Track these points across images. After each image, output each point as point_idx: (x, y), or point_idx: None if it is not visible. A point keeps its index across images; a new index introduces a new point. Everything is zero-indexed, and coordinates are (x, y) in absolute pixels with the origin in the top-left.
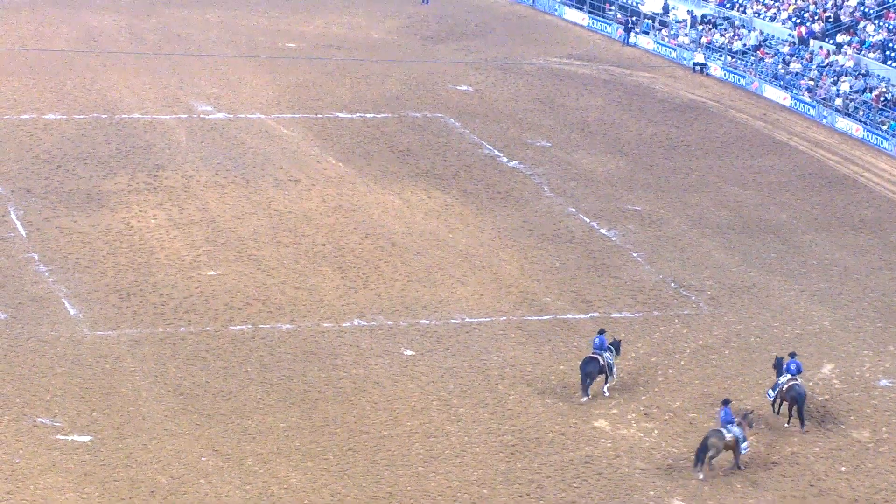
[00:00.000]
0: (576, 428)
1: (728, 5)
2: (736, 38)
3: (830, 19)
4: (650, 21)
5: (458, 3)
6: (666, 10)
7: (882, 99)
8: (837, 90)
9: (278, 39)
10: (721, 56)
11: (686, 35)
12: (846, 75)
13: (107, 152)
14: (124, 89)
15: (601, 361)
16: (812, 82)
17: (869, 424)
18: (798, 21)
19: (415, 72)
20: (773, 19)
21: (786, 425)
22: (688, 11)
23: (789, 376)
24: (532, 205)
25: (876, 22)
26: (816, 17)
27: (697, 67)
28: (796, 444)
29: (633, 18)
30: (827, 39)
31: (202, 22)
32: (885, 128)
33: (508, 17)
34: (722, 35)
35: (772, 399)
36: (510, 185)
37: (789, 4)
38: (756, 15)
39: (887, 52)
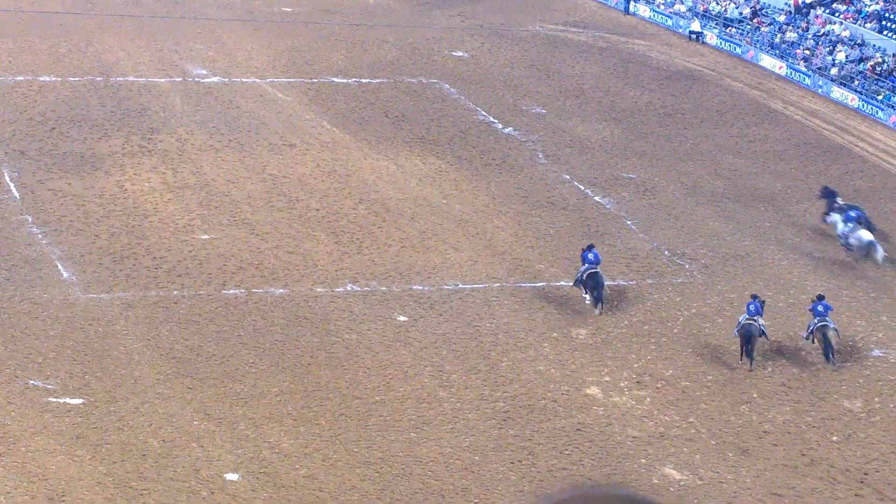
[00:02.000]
0: (568, 395)
1: None
2: (732, 5)
3: None
4: None
5: None
6: None
7: (877, 69)
8: (833, 59)
9: (274, 3)
10: (717, 24)
11: (682, 3)
12: (842, 44)
13: (101, 115)
14: (119, 52)
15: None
16: (808, 51)
17: (861, 394)
18: None
19: (410, 37)
20: None
21: (739, 362)
22: None
23: (747, 316)
24: (526, 171)
25: None
26: None
27: (693, 36)
28: (788, 413)
29: None
30: (824, 9)
31: None
32: (880, 98)
33: None
34: (718, 3)
35: (736, 334)
36: (505, 151)
37: None
38: None
39: (883, 23)
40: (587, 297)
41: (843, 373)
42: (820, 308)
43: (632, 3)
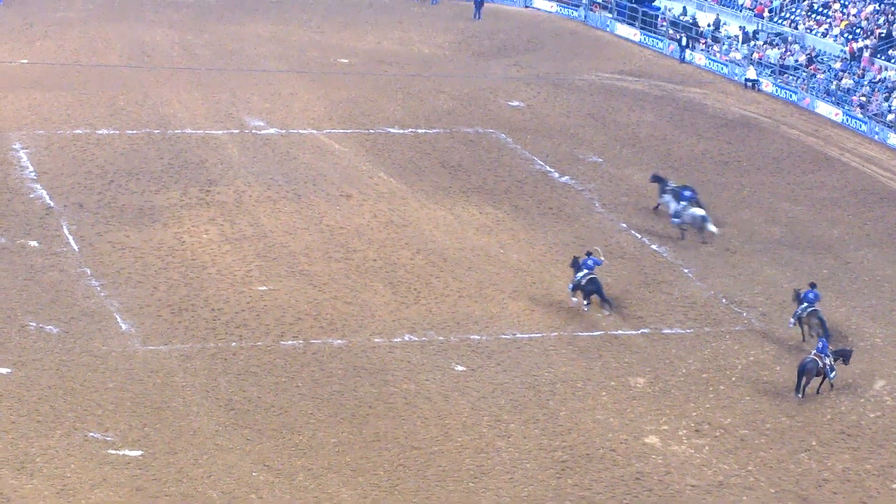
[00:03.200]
0: (626, 444)
1: (779, 21)
2: (788, 53)
3: (883, 35)
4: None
5: (509, 18)
6: (717, 26)
7: None
8: (889, 106)
9: (330, 55)
10: (773, 72)
11: (738, 51)
12: None
13: (159, 167)
14: (176, 104)
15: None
16: (864, 98)
17: None
18: (850, 37)
19: (466, 87)
20: (824, 35)
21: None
22: (740, 27)
23: (815, 352)
24: (583, 220)
25: None
26: (870, 34)
27: (749, 83)
28: (848, 461)
29: (687, 35)
30: (879, 55)
31: (254, 37)
32: None
33: (560, 32)
34: (774, 50)
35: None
36: (561, 200)
37: (841, 20)
38: (808, 31)
39: None
40: (579, 300)
41: None
42: (811, 296)
43: (687, 51)
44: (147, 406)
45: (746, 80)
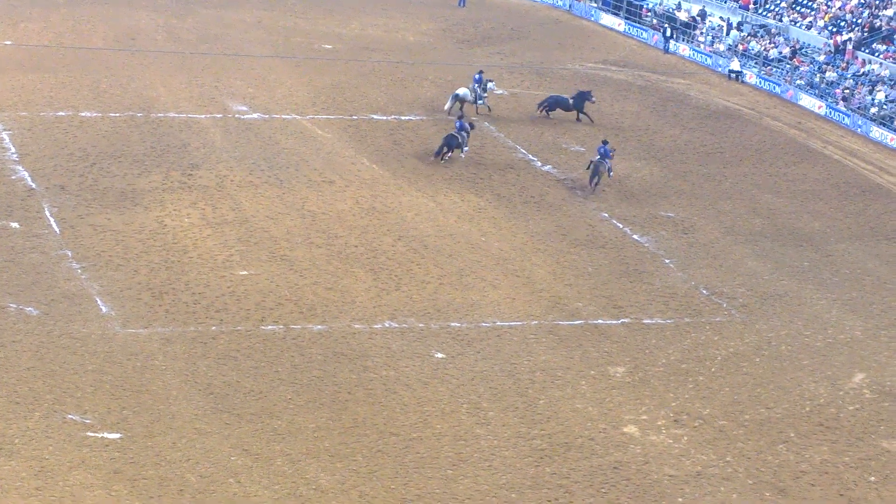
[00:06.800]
0: (605, 433)
1: (764, 13)
2: (772, 45)
3: (866, 29)
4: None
5: (494, 7)
6: (703, 17)
7: None
8: (872, 99)
9: (315, 40)
10: (757, 64)
11: (722, 42)
12: (882, 84)
13: (141, 151)
14: (160, 88)
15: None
16: (847, 91)
17: None
18: (834, 30)
19: (450, 75)
20: (808, 27)
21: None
22: (723, 18)
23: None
24: (565, 209)
25: None
26: (855, 27)
27: (733, 75)
28: (826, 453)
29: (672, 24)
30: (863, 49)
31: (239, 22)
32: None
33: (544, 21)
34: (758, 42)
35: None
36: (543, 189)
37: (825, 13)
38: (792, 23)
39: None
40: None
41: (882, 413)
42: (601, 150)
43: (671, 41)
44: (126, 389)
45: (730, 71)
